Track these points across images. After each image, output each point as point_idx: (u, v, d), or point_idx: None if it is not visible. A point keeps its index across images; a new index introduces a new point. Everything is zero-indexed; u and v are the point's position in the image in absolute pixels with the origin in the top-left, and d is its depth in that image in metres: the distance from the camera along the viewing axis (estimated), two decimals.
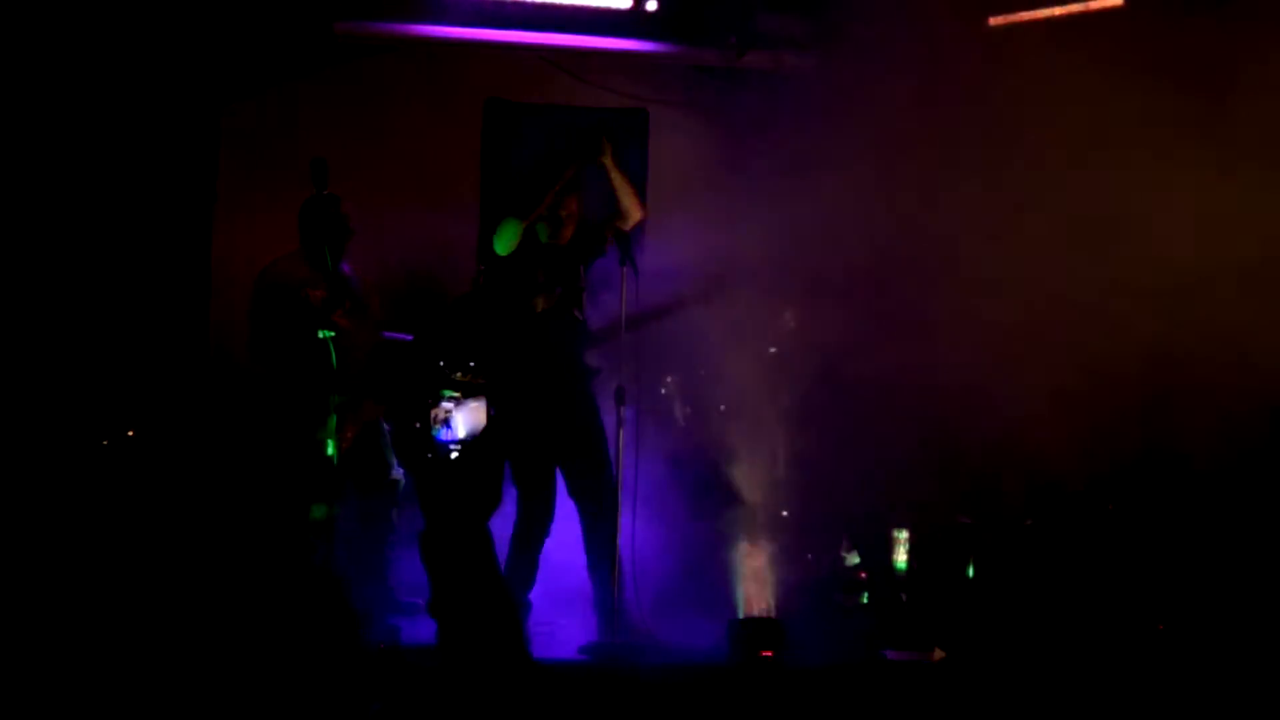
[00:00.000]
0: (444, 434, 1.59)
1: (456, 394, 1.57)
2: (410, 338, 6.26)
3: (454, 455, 1.54)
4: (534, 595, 6.12)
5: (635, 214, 6.22)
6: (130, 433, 6.46)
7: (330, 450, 5.77)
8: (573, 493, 6.02)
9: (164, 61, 7.03)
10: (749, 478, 7.24)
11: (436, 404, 1.58)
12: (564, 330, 6.00)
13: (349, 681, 1.13)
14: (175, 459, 6.61)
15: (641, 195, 6.39)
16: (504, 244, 6.02)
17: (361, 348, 6.16)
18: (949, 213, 6.82)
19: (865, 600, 6.69)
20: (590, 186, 6.26)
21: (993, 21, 7.40)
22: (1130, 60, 6.10)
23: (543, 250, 6.09)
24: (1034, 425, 6.07)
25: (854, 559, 6.84)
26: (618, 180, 6.18)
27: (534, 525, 5.90)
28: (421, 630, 1.49)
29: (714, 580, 6.71)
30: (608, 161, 6.15)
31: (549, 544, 6.19)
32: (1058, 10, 7.30)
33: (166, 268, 7.21)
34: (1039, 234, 6.43)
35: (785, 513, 6.98)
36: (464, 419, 1.58)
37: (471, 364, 1.61)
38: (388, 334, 6.31)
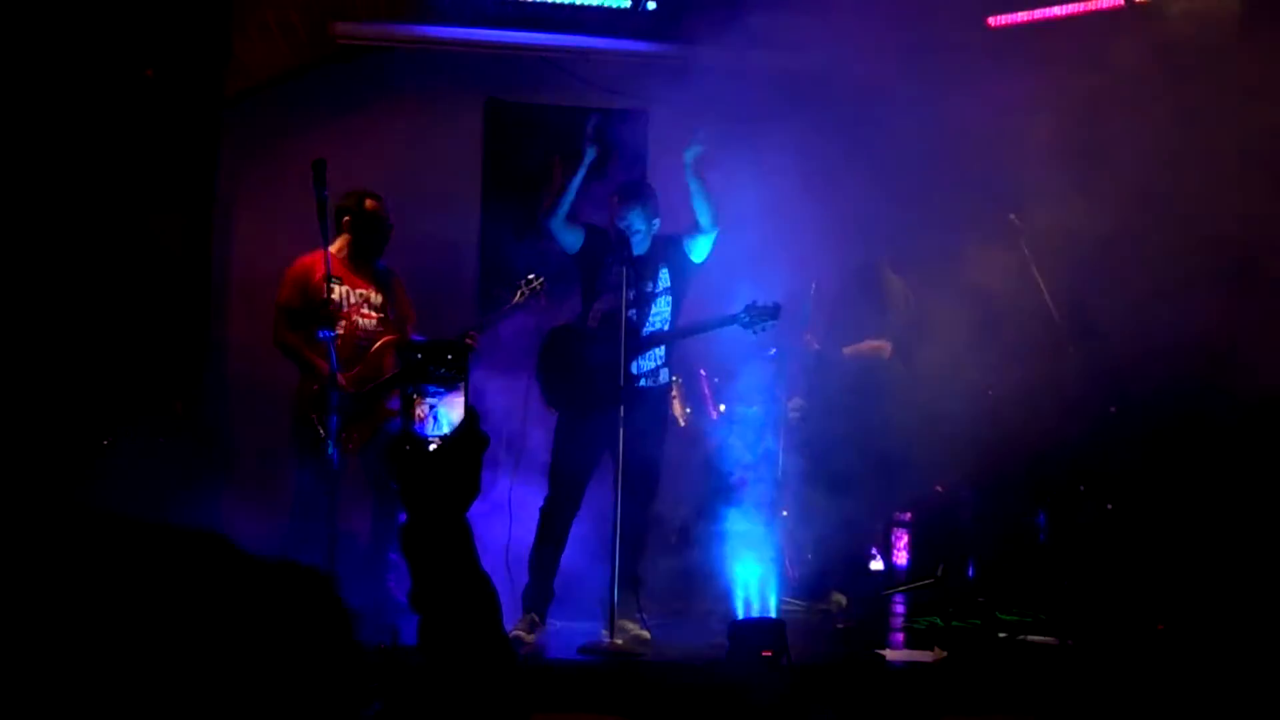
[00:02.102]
0: (428, 429, 1.58)
1: (440, 388, 1.56)
2: (423, 339, 6.28)
3: (433, 447, 1.54)
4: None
5: (705, 225, 5.98)
6: (130, 433, 6.46)
7: (330, 450, 5.78)
8: (619, 488, 5.91)
9: (165, 61, 7.03)
10: (749, 477, 7.24)
11: (421, 400, 1.57)
12: (616, 332, 5.85)
13: (345, 681, 1.13)
14: (173, 457, 6.62)
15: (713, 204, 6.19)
16: (561, 242, 6.01)
17: (375, 352, 6.18)
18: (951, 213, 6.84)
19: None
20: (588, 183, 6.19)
21: (992, 22, 7.42)
22: None
23: (614, 255, 5.97)
24: None
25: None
26: (694, 183, 5.94)
27: (563, 512, 5.96)
28: None
29: (714, 580, 6.73)
30: (692, 159, 5.90)
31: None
32: (1058, 10, 7.30)
33: (166, 267, 7.21)
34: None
35: (785, 512, 6.99)
36: (447, 413, 1.58)
37: (450, 356, 1.60)
38: (416, 337, 6.32)
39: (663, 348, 6.04)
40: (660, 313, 6.04)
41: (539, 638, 5.88)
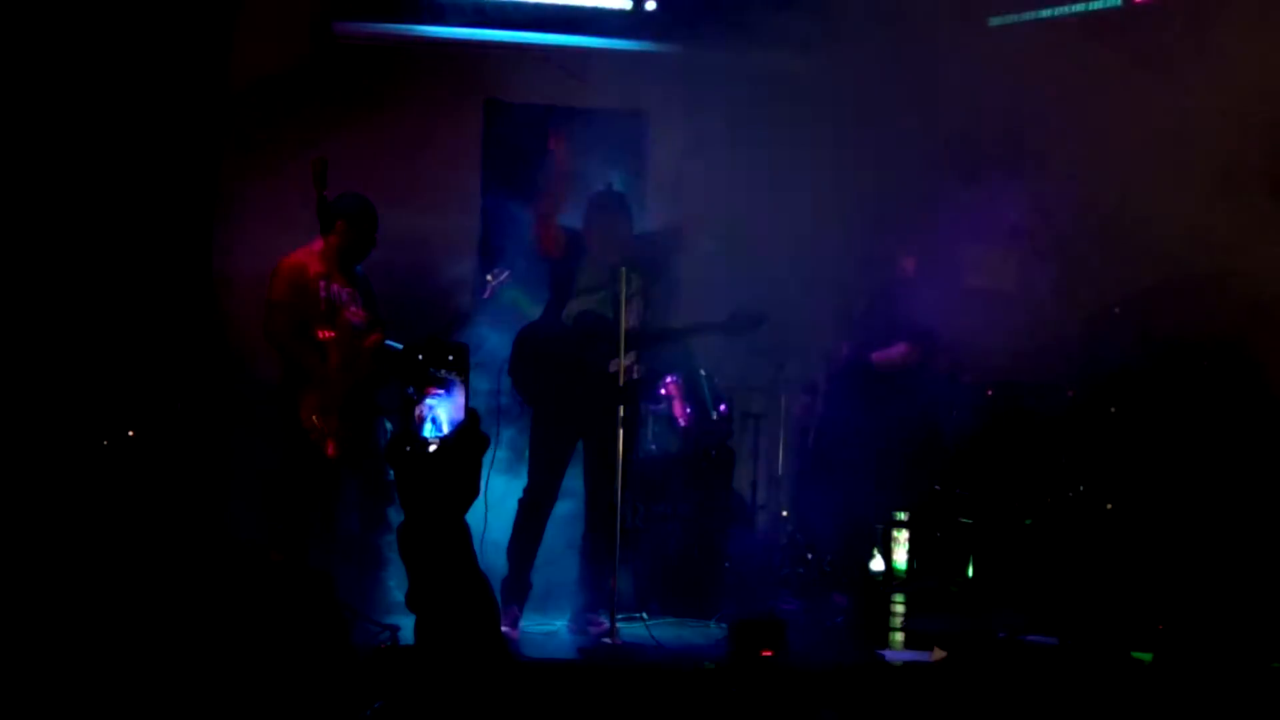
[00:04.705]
0: (428, 430, 1.58)
1: (440, 389, 1.56)
2: (401, 346, 6.29)
3: (432, 448, 1.54)
4: (534, 595, 6.16)
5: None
6: (130, 433, 6.46)
7: (329, 450, 5.78)
8: (586, 486, 6.20)
9: (165, 60, 7.03)
10: (750, 477, 7.24)
11: (420, 400, 1.57)
12: (594, 333, 6.06)
13: (341, 680, 1.14)
14: (176, 457, 6.61)
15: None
16: (541, 244, 6.13)
17: (368, 350, 6.18)
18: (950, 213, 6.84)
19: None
20: (589, 184, 6.28)
21: (993, 22, 7.41)
22: None
23: (590, 258, 6.14)
24: None
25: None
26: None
27: (540, 503, 6.06)
28: None
29: (714, 579, 6.73)
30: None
31: (551, 546, 6.24)
32: (1058, 10, 7.30)
33: (168, 266, 7.21)
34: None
35: (785, 512, 6.98)
36: (446, 413, 1.58)
37: (451, 357, 1.60)
38: (390, 343, 6.33)
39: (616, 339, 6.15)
40: (634, 312, 6.15)
41: (520, 630, 5.95)
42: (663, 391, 7.38)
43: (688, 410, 7.38)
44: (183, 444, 6.66)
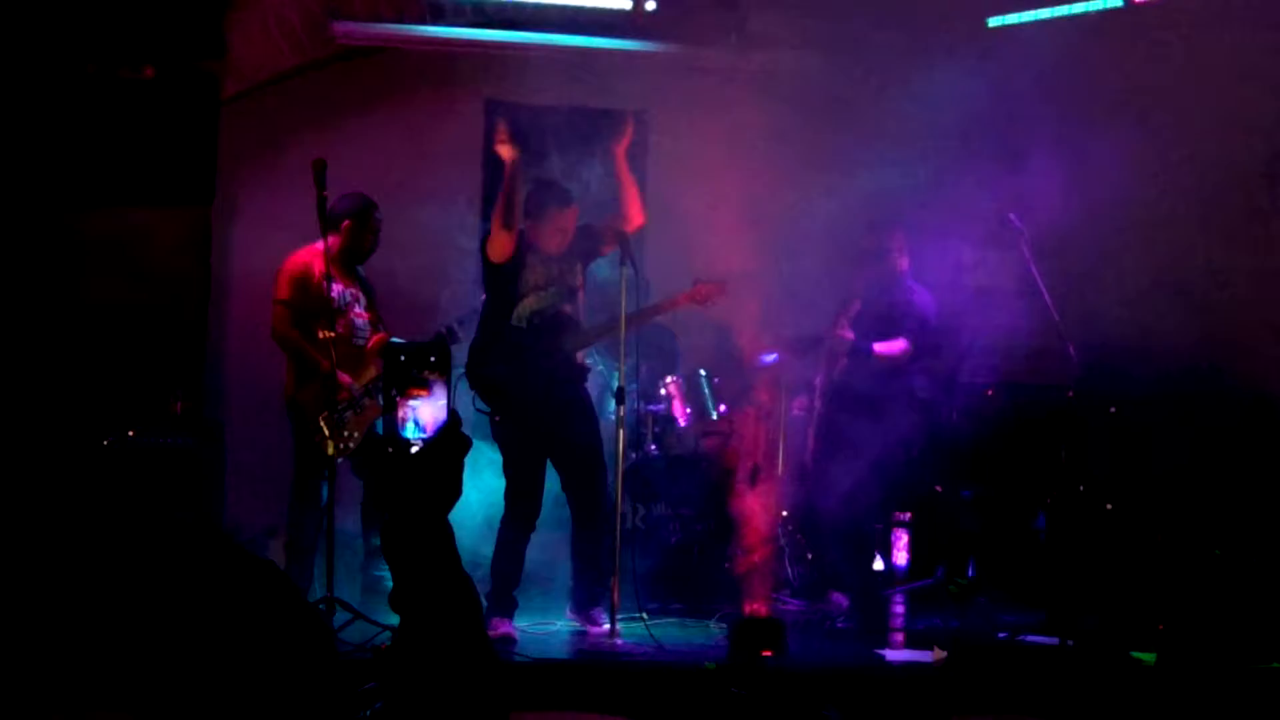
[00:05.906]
0: (410, 431, 1.59)
1: (423, 390, 1.56)
2: (405, 341, 6.29)
3: (415, 449, 1.54)
4: (534, 594, 6.16)
5: (637, 218, 6.16)
6: (130, 433, 6.46)
7: (330, 450, 5.78)
8: (566, 488, 6.11)
9: (163, 59, 7.03)
10: (749, 477, 7.21)
11: (404, 401, 1.58)
12: (556, 329, 6.01)
13: (328, 682, 1.14)
14: (175, 457, 6.62)
15: (642, 197, 6.40)
16: (496, 251, 6.01)
17: (373, 350, 6.19)
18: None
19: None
20: (589, 183, 6.27)
21: (992, 22, 7.41)
22: None
23: (536, 255, 6.06)
24: None
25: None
26: (626, 178, 6.11)
27: (520, 520, 5.97)
28: None
29: (714, 579, 6.72)
30: (621, 151, 6.08)
31: (549, 545, 6.24)
32: (1057, 10, 7.30)
33: (165, 267, 7.21)
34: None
35: (785, 512, 6.98)
36: (428, 414, 1.59)
37: (433, 358, 1.61)
38: (395, 340, 6.33)
39: (580, 337, 6.15)
40: (581, 305, 6.16)
41: (520, 630, 5.94)
42: (663, 391, 7.38)
43: (688, 410, 7.38)
44: (183, 444, 6.65)
